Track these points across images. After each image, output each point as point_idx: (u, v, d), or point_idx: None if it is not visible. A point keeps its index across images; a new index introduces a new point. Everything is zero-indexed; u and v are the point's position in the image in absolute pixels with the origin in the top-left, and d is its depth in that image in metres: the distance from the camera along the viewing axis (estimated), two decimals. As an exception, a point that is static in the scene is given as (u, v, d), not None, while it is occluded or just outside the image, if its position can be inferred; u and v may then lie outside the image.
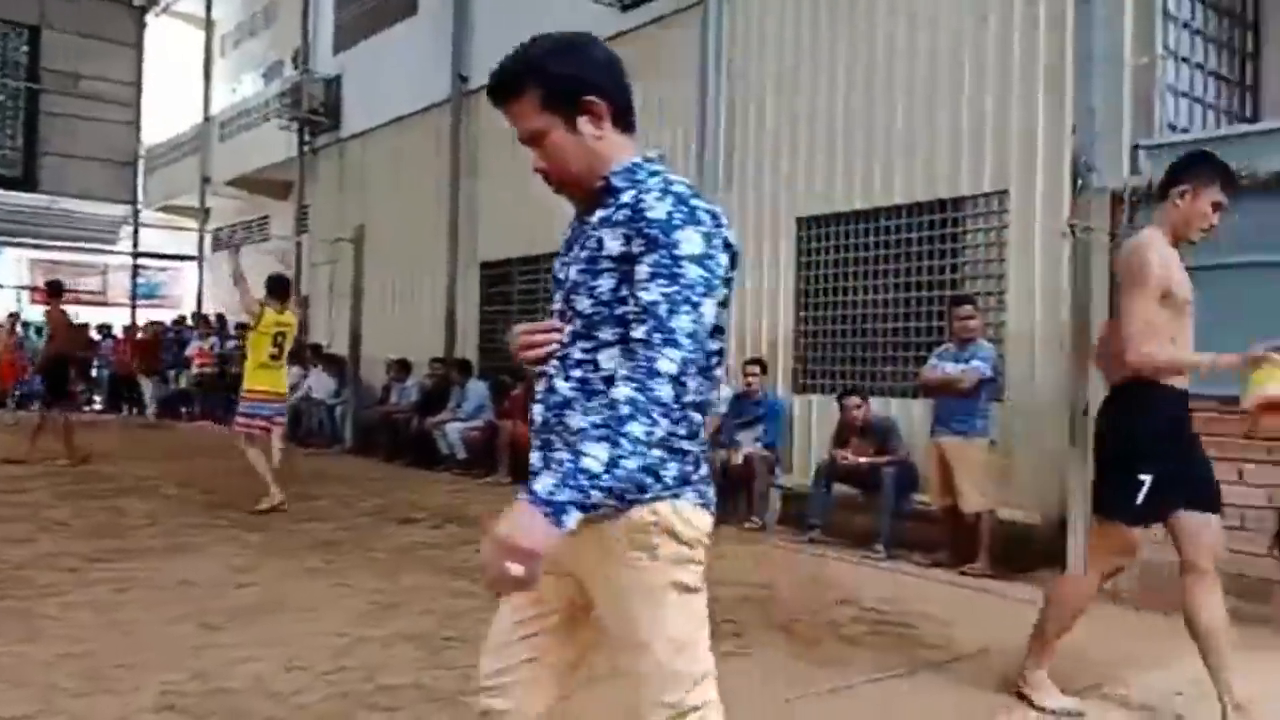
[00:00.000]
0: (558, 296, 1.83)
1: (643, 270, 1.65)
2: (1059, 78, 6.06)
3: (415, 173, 12.73)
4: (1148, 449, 3.25)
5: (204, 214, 19.37)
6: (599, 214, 1.77)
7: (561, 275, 1.84)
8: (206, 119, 18.90)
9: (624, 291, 1.68)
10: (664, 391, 1.58)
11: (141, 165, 21.44)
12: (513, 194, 10.98)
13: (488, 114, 11.44)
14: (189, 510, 7.35)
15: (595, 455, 1.54)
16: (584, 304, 1.73)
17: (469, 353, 11.50)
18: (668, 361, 1.59)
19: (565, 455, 1.58)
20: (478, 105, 11.68)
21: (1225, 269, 5.05)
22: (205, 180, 18.68)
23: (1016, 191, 6.37)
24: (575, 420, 1.72)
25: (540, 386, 1.81)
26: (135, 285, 21.05)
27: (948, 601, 5.15)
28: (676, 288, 1.62)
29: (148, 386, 16.95)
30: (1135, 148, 5.58)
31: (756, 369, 7.61)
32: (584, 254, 1.77)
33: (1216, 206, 3.38)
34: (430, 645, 4.10)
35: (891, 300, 7.16)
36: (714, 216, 1.70)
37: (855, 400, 6.74)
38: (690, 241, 1.64)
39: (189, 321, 18.39)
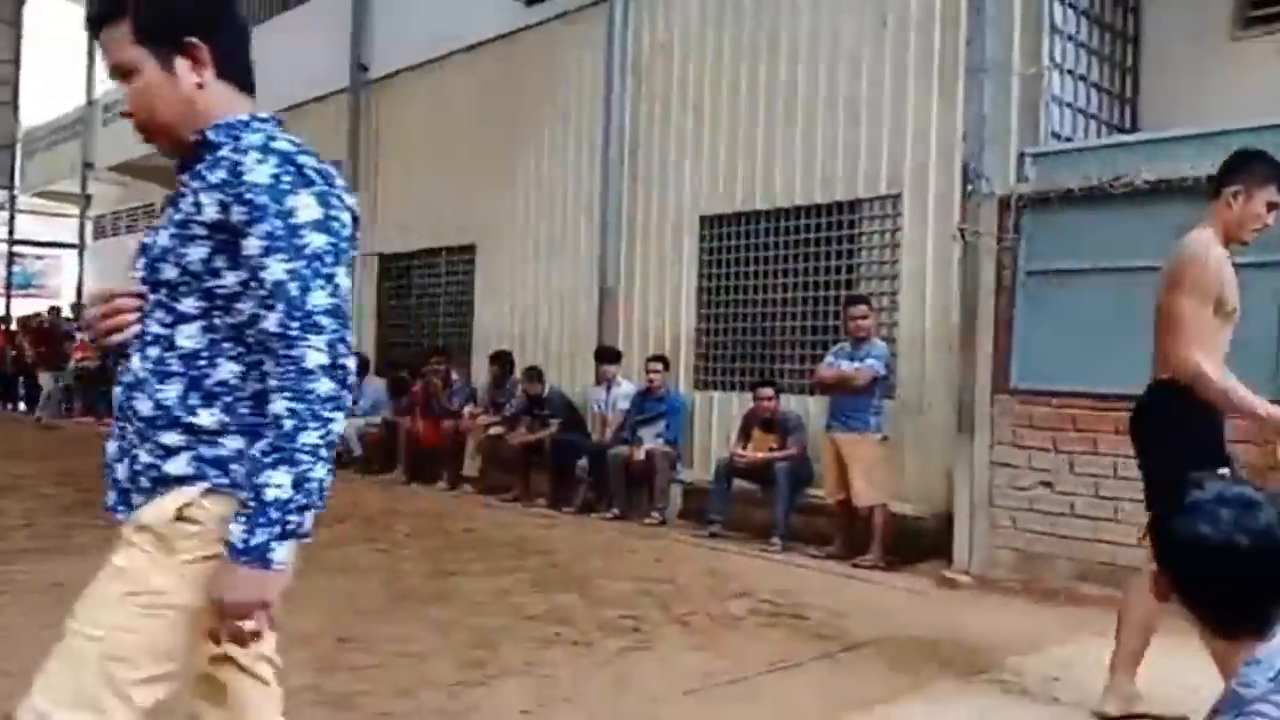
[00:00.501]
0: (140, 264, 1.63)
1: (254, 244, 1.49)
2: (951, 86, 6.26)
3: (312, 162, 12.37)
4: (1208, 447, 3.10)
5: (85, 200, 18.51)
6: (195, 173, 1.59)
7: (149, 240, 1.63)
8: (89, 101, 18.05)
9: (217, 263, 1.53)
10: (321, 387, 1.46)
11: (19, 149, 20.37)
12: (413, 186, 10.82)
13: (388, 103, 11.27)
14: (68, 510, 7.01)
15: (278, 483, 1.44)
16: (170, 273, 1.56)
17: (367, 348, 11.25)
18: (315, 353, 1.46)
19: (245, 495, 1.47)
20: (378, 96, 11.46)
21: (1105, 273, 5.31)
22: (87, 165, 17.86)
23: (910, 195, 6.56)
24: (143, 405, 1.56)
25: (123, 365, 1.64)
26: (10, 274, 20.00)
27: (841, 593, 5.28)
28: (303, 261, 1.47)
29: (46, 381, 15.73)
30: (1022, 155, 5.80)
31: (659, 366, 7.67)
32: (178, 217, 1.58)
33: (1271, 206, 3.26)
34: (323, 647, 4.01)
35: (791, 299, 7.29)
36: (325, 175, 1.56)
37: (768, 392, 6.85)
38: (307, 207, 1.50)
39: (67, 313, 17.49)
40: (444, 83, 10.49)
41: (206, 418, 1.56)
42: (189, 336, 1.56)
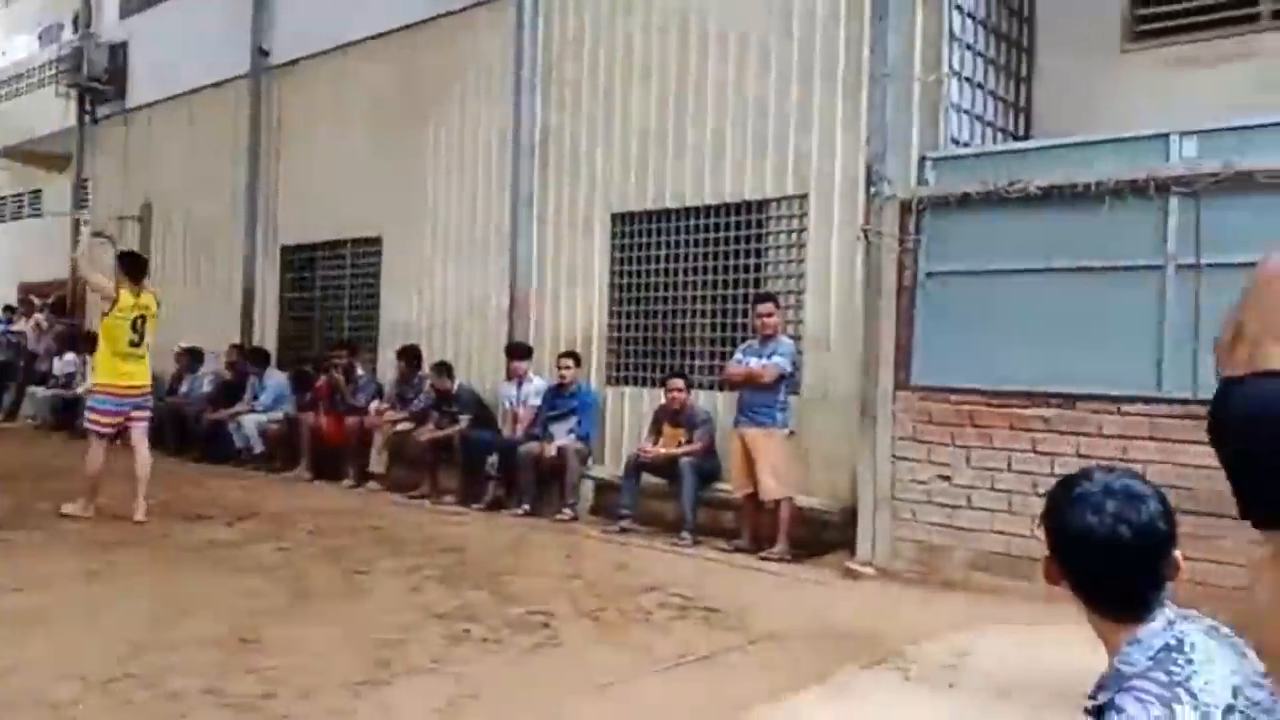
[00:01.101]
0: None
1: None
2: (856, 90, 6.42)
3: (210, 150, 12.00)
4: None
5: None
6: None
7: None
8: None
9: None
10: None
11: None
12: (317, 175, 10.58)
13: (291, 91, 10.99)
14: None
15: None
16: None
17: (268, 341, 10.97)
18: None
19: None
20: (280, 82, 11.16)
21: (999, 274, 5.51)
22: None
23: (816, 196, 6.70)
24: None
25: None
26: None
27: (749, 586, 5.38)
28: None
29: None
30: (923, 159, 5.98)
31: (570, 362, 7.67)
32: None
33: None
34: (223, 648, 3.90)
35: (701, 297, 7.37)
36: None
37: (679, 383, 6.90)
38: None
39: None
40: (349, 70, 10.27)
41: None
42: None
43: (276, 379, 10.03)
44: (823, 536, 6.22)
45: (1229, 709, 1.41)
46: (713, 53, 7.29)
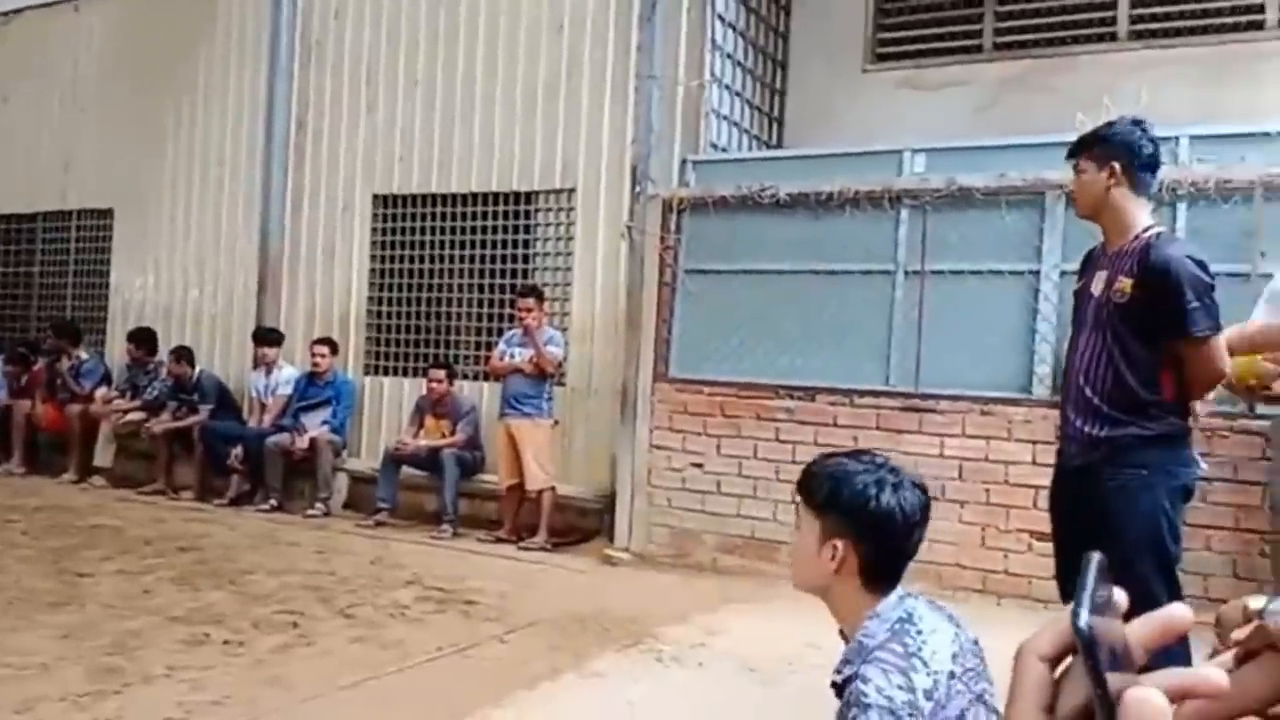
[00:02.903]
0: None
1: None
2: (623, 90, 6.56)
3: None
4: None
5: None
6: None
7: None
8: None
9: None
10: None
11: None
12: (40, 141, 9.52)
13: (12, 46, 9.84)
14: None
15: None
16: None
17: (-24, 320, 9.79)
18: None
19: None
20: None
21: (749, 274, 5.83)
22: None
23: (583, 191, 6.79)
24: None
25: None
26: None
27: (509, 575, 5.39)
28: None
29: None
30: (684, 161, 6.22)
31: (325, 349, 7.34)
32: None
33: None
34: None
35: (467, 285, 7.28)
36: None
37: (439, 374, 6.78)
38: None
39: None
40: (82, 26, 9.32)
41: None
42: None
43: (-16, 362, 8.96)
44: (583, 525, 6.34)
45: (951, 675, 1.58)
46: (483, 40, 7.20)
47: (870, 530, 1.70)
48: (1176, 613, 0.56)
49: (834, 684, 1.64)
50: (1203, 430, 4.26)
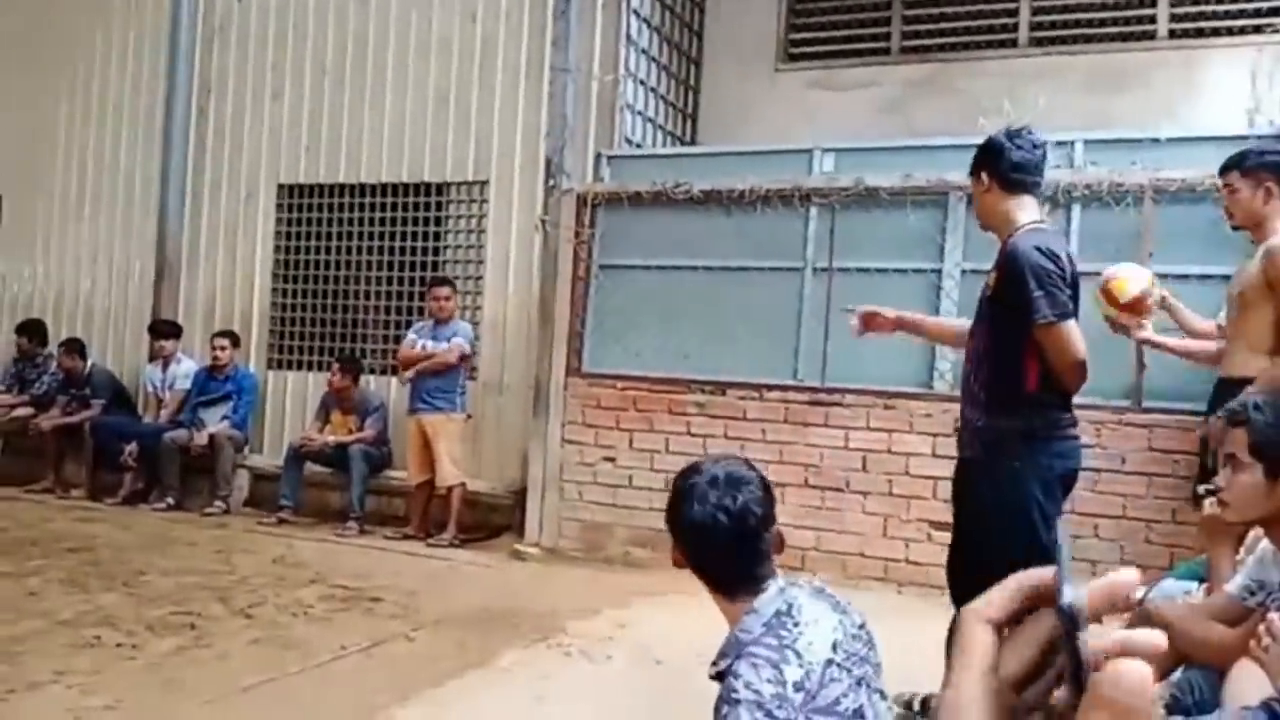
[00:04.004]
0: None
1: None
2: (537, 83, 6.50)
3: None
4: None
5: None
6: None
7: None
8: None
9: None
10: None
11: None
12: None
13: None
14: None
15: None
16: None
17: None
18: None
19: None
20: None
21: (662, 270, 5.85)
22: None
23: (496, 183, 6.72)
24: None
25: None
26: None
27: (416, 572, 5.30)
28: None
29: None
30: (599, 156, 6.20)
31: (226, 342, 7.12)
32: None
33: None
34: None
35: (376, 278, 7.13)
36: None
37: (341, 369, 6.63)
38: None
39: None
40: (-40, -1, 8.83)
41: None
42: None
43: None
44: (492, 520, 6.29)
45: (828, 662, 1.61)
46: (394, 29, 7.06)
47: (693, 548, 1.76)
48: (1122, 577, 0.58)
49: (711, 677, 1.68)
50: (1091, 423, 4.45)
